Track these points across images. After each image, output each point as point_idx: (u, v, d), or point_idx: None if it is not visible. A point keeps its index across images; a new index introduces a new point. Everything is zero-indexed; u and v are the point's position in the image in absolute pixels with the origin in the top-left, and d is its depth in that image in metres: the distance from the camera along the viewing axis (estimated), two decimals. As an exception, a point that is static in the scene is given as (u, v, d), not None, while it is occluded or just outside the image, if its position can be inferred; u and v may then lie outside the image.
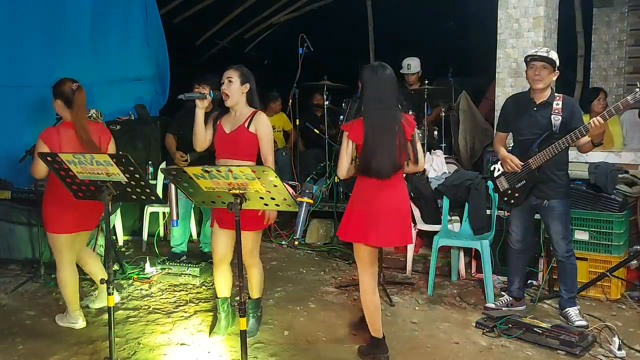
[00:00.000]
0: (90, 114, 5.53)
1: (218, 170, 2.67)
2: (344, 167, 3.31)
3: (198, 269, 4.86)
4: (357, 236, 3.33)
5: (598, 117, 3.59)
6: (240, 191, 2.71)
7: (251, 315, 3.80)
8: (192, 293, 4.63)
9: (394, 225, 3.30)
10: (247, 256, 3.64)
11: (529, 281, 4.57)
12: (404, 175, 3.48)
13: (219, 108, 3.68)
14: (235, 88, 3.53)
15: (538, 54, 3.83)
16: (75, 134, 3.70)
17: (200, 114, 3.55)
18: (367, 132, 3.20)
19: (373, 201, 3.28)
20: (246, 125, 3.54)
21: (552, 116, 3.82)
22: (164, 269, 5.02)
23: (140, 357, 3.54)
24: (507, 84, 5.42)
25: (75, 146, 3.66)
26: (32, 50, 6.04)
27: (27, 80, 6.02)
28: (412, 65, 6.76)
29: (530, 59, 3.84)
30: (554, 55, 3.83)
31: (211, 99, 3.53)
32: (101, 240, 4.91)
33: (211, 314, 4.17)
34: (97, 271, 4.14)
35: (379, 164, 3.21)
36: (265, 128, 3.56)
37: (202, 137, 3.60)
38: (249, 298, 3.81)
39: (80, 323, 3.94)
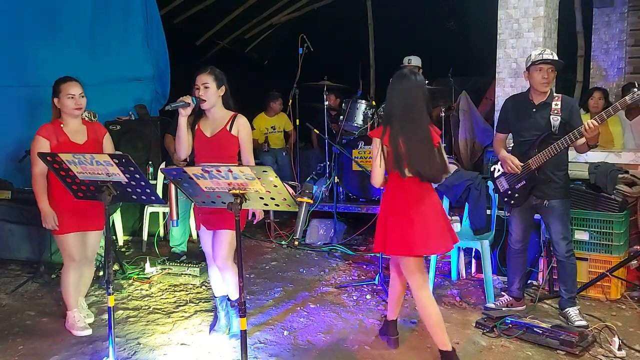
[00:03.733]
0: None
1: (218, 170, 2.67)
2: (381, 174, 3.29)
3: (198, 269, 4.87)
4: (401, 249, 3.24)
5: (591, 120, 3.58)
6: (240, 191, 2.71)
7: (234, 315, 3.75)
8: (192, 293, 4.63)
9: (438, 231, 3.24)
10: (220, 260, 3.58)
11: (529, 281, 4.57)
12: None
13: (193, 113, 3.60)
14: (212, 92, 3.50)
15: (545, 57, 3.79)
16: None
17: (183, 121, 3.50)
18: (404, 138, 3.16)
19: (413, 209, 3.21)
20: (228, 127, 3.54)
21: (551, 116, 3.82)
22: (164, 269, 5.02)
23: (140, 357, 3.54)
24: (507, 84, 5.42)
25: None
26: (32, 51, 6.05)
27: (27, 80, 6.02)
28: (413, 60, 6.76)
29: (540, 62, 3.78)
30: (556, 56, 3.83)
31: (194, 105, 3.47)
32: (101, 241, 4.90)
33: (211, 313, 4.17)
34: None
35: (431, 169, 3.17)
36: (247, 130, 3.59)
37: (187, 143, 3.55)
38: (228, 299, 3.76)
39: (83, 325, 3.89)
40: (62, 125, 3.77)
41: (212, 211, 3.50)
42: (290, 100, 6.57)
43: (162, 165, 5.92)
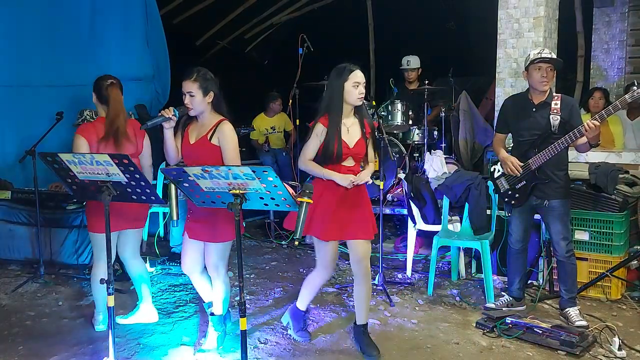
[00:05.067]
0: (84, 116, 5.56)
1: (218, 170, 2.67)
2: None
3: (198, 269, 4.85)
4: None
5: (592, 120, 3.58)
6: (240, 191, 2.71)
7: (214, 329, 3.59)
8: (192, 293, 4.62)
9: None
10: (211, 269, 3.51)
11: (529, 281, 4.57)
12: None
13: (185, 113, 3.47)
14: (197, 101, 3.33)
15: (543, 55, 3.78)
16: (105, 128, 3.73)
17: (168, 134, 3.37)
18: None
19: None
20: (209, 137, 3.35)
21: (551, 116, 3.81)
22: (164, 269, 5.01)
23: (140, 357, 3.54)
24: (507, 84, 5.43)
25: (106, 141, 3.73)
26: (32, 50, 6.05)
27: (27, 80, 6.03)
28: (412, 61, 6.76)
29: (538, 61, 3.79)
30: (555, 56, 3.83)
31: (177, 118, 3.33)
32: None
33: (211, 314, 4.17)
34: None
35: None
36: (228, 140, 3.35)
37: (174, 153, 3.45)
38: (212, 314, 3.62)
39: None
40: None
41: (199, 220, 3.42)
42: (291, 100, 6.56)
43: (162, 165, 5.91)
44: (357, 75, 3.40)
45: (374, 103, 6.17)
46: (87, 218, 3.83)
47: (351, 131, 3.45)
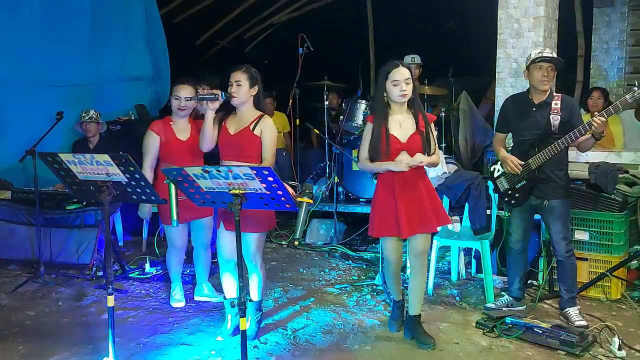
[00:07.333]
0: (90, 114, 5.56)
1: (218, 171, 2.67)
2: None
3: (198, 269, 4.85)
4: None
5: (599, 117, 3.59)
6: (240, 191, 2.71)
7: (250, 318, 3.74)
8: (191, 293, 4.62)
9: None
10: (250, 258, 3.62)
11: (529, 281, 4.56)
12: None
13: (223, 108, 3.65)
14: (244, 91, 3.52)
15: (545, 55, 3.79)
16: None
17: (210, 115, 3.53)
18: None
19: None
20: (251, 127, 3.53)
21: (551, 116, 3.82)
22: (164, 269, 5.00)
23: (140, 357, 3.54)
24: (507, 84, 5.42)
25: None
26: (32, 50, 6.04)
27: (27, 80, 6.02)
28: (416, 57, 6.77)
29: (539, 60, 3.79)
30: (555, 55, 3.83)
31: (223, 100, 3.51)
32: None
33: (211, 313, 4.17)
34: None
35: None
36: (271, 133, 3.55)
37: (211, 137, 3.57)
38: (250, 300, 3.76)
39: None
40: (171, 123, 4.17)
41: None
42: (291, 100, 6.56)
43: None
44: (397, 74, 3.45)
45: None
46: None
47: (404, 126, 3.53)
